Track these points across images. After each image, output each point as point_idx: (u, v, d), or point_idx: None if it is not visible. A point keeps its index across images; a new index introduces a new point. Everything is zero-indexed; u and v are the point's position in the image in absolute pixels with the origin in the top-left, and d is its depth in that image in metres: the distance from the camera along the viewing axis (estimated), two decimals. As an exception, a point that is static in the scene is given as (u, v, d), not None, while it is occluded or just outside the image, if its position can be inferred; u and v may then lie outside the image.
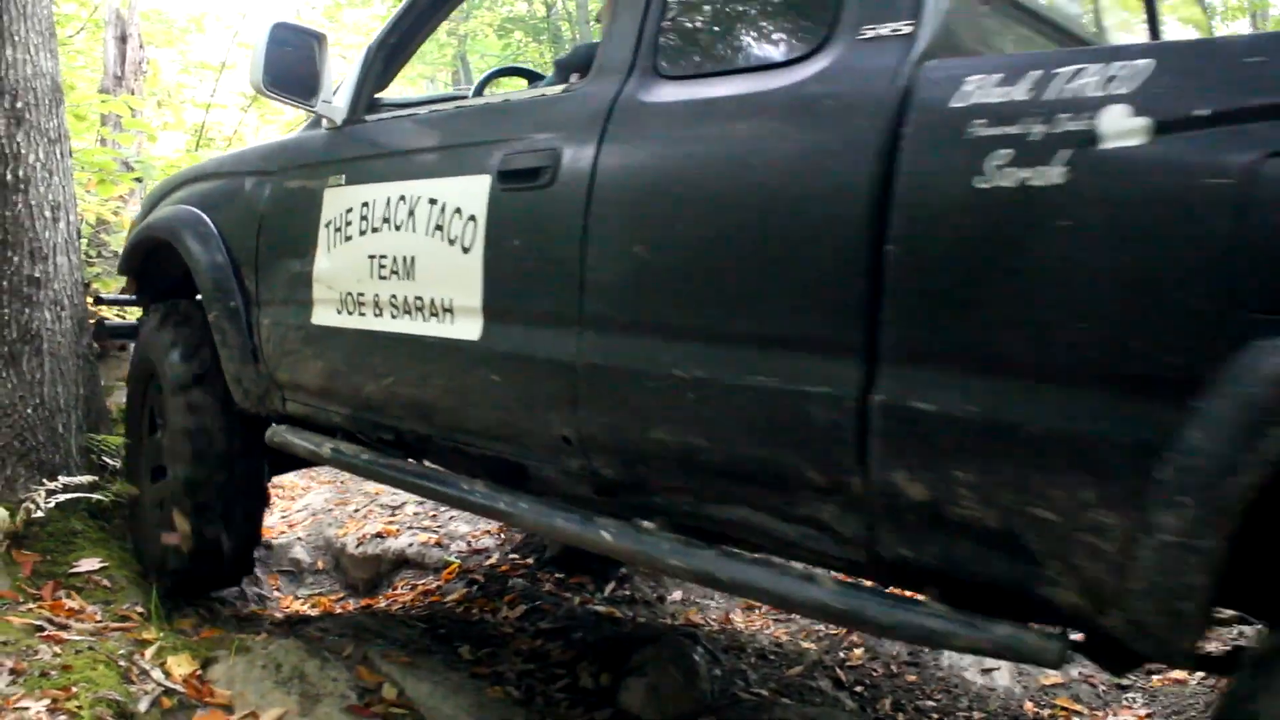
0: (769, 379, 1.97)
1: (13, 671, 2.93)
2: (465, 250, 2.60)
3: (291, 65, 3.08)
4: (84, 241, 6.15)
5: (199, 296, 3.67)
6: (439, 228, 2.68)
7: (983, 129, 1.70)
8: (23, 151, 3.98)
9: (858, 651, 3.99)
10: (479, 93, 3.17)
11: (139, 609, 3.61)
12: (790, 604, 2.07)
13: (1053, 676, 3.82)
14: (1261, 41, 1.55)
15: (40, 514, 3.70)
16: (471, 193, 2.60)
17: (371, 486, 5.68)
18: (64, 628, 3.32)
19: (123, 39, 9.25)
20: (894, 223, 1.79)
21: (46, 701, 2.76)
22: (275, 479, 4.20)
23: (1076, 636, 1.85)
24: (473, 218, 2.58)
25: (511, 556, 4.83)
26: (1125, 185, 1.54)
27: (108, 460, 4.10)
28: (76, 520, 3.87)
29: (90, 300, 4.62)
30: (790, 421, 1.94)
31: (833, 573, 2.14)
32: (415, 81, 19.50)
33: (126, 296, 4.39)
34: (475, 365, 2.59)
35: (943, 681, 3.81)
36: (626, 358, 2.23)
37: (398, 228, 2.82)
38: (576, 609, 4.18)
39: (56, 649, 3.11)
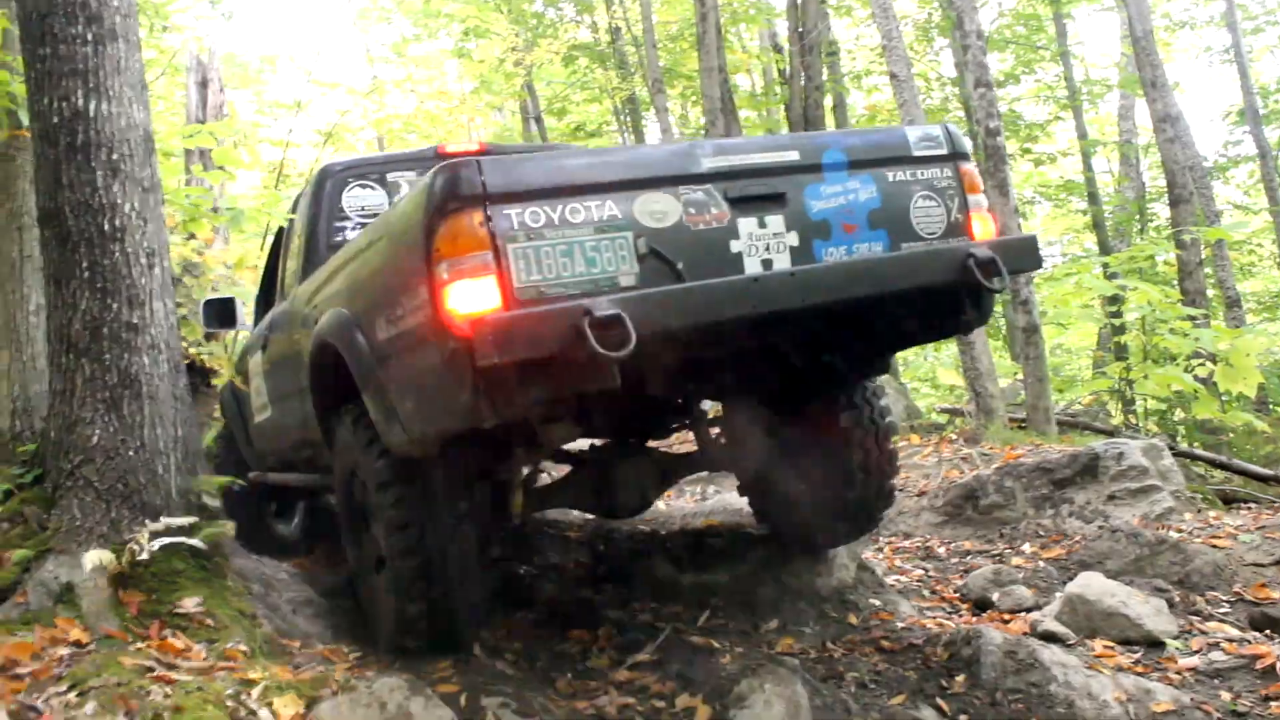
0: None
1: (127, 713, 3.00)
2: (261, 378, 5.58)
3: (222, 314, 6.09)
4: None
5: None
6: (260, 373, 5.58)
7: None
8: (119, 201, 4.10)
9: (959, 679, 3.91)
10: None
11: (242, 647, 3.66)
12: None
13: (1164, 703, 3.70)
14: None
15: (144, 555, 3.77)
16: (259, 358, 5.60)
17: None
18: (172, 667, 3.37)
19: (203, 84, 9.50)
20: None
21: (161, 743, 2.81)
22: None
23: None
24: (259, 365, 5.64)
25: (605, 587, 4.82)
26: None
27: (207, 501, 4.17)
28: (178, 560, 3.93)
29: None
30: None
31: None
32: (485, 111, 19.74)
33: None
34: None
35: (1048, 710, 3.71)
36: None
37: (259, 374, 5.68)
38: (673, 640, 4.15)
39: (167, 689, 3.16)
